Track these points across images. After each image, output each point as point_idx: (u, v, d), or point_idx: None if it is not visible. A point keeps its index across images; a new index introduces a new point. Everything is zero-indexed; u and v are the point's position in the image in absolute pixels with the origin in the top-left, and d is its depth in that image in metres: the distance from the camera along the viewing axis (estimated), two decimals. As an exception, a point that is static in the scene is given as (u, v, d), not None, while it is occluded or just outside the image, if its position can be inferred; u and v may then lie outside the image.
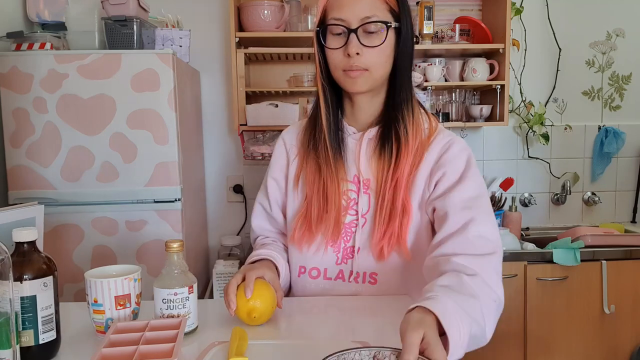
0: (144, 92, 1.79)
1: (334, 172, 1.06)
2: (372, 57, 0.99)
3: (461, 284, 0.84)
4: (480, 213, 0.96)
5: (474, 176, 1.01)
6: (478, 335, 0.81)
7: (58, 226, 1.82)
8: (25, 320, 0.81)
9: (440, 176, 1.02)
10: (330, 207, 1.05)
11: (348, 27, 0.97)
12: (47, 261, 0.85)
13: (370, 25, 0.97)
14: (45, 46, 1.83)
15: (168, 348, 0.78)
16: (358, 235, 1.07)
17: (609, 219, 2.65)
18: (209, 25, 2.43)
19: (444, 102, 2.45)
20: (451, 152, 1.04)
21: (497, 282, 0.92)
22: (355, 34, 0.97)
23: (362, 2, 0.97)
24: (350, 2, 0.97)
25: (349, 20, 0.97)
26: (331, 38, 1.00)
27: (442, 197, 1.00)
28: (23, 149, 1.80)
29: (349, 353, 0.72)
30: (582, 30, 2.55)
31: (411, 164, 1.03)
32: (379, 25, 0.97)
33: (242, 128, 2.21)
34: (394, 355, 0.72)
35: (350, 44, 0.97)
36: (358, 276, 1.08)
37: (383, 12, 0.98)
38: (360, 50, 0.97)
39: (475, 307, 0.81)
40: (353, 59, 0.98)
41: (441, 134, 1.08)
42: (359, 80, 1.00)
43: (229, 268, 2.06)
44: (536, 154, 2.59)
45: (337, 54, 1.00)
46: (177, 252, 0.94)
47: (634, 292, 2.13)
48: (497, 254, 0.95)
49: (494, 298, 0.89)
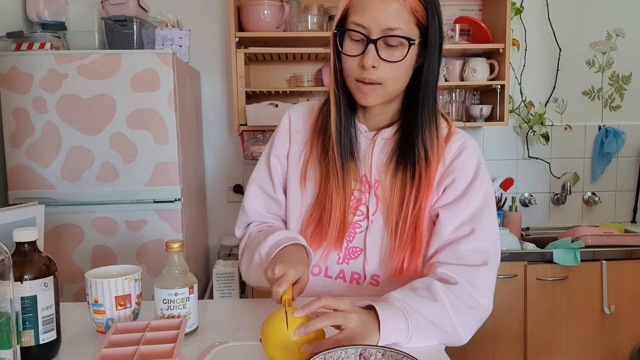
0: (143, 92, 1.79)
1: (344, 173, 1.02)
2: (388, 72, 0.92)
3: (427, 286, 0.91)
4: (479, 227, 0.96)
5: (481, 185, 0.99)
6: (440, 333, 0.88)
7: (58, 226, 1.82)
8: (26, 321, 0.81)
9: (449, 182, 1.00)
10: (337, 209, 1.02)
11: (368, 36, 0.90)
12: (48, 261, 0.85)
13: (392, 39, 0.89)
14: (45, 46, 1.83)
15: (168, 348, 0.78)
16: (366, 238, 1.04)
17: (609, 219, 2.65)
18: (209, 25, 2.43)
19: (444, 102, 2.45)
20: (462, 157, 1.01)
21: (483, 291, 0.94)
22: (374, 45, 0.90)
23: (388, 9, 0.88)
24: (375, 8, 0.88)
25: (370, 28, 0.89)
26: (349, 43, 0.93)
27: (447, 207, 0.99)
28: (23, 149, 1.80)
29: (336, 351, 0.72)
30: (582, 30, 2.55)
31: (432, 185, 0.99)
32: (401, 40, 0.90)
33: (242, 128, 2.21)
34: (380, 353, 0.73)
35: (367, 54, 0.90)
36: (360, 277, 1.07)
37: (409, 25, 0.90)
38: (377, 64, 0.91)
39: (434, 308, 0.88)
40: (368, 71, 0.91)
41: (454, 136, 1.03)
42: (371, 96, 0.95)
43: (229, 268, 2.06)
44: (536, 154, 2.59)
45: (353, 61, 0.93)
46: (178, 253, 0.94)
47: (634, 292, 2.13)
48: (489, 265, 0.95)
49: (471, 305, 0.92)
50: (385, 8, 0.88)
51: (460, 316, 0.90)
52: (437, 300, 0.89)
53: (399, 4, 0.89)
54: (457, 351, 2.13)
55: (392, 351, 0.73)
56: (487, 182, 1.01)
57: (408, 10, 0.89)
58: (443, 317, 0.88)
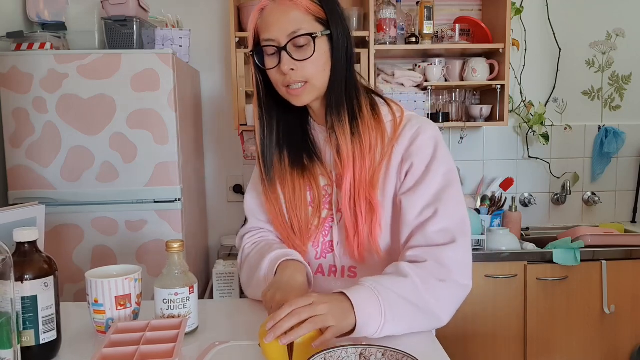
0: (144, 92, 1.79)
1: (307, 173, 1.09)
2: (308, 69, 0.99)
3: (396, 267, 0.95)
4: (442, 206, 0.99)
5: (440, 165, 1.02)
6: (414, 311, 0.91)
7: (58, 226, 1.82)
8: (26, 320, 0.81)
9: (408, 167, 1.03)
10: (304, 209, 1.09)
11: (278, 45, 0.98)
12: (48, 261, 0.85)
13: (298, 40, 0.97)
14: (45, 46, 1.83)
15: (169, 348, 0.78)
16: (335, 230, 1.08)
17: (609, 219, 2.65)
18: (209, 26, 2.43)
19: (444, 102, 2.45)
20: (419, 141, 1.03)
21: (455, 269, 0.96)
22: (285, 51, 0.97)
23: (287, 18, 0.97)
24: (276, 21, 0.98)
25: (278, 39, 0.98)
26: (267, 58, 1.01)
27: (408, 193, 1.02)
28: (23, 149, 1.80)
29: (336, 351, 0.73)
30: (582, 30, 2.55)
31: (374, 160, 1.04)
32: (306, 38, 0.97)
33: (242, 128, 2.21)
34: (380, 353, 0.73)
35: (282, 61, 0.98)
36: (337, 270, 1.10)
37: (310, 24, 0.98)
38: (294, 66, 0.98)
39: (403, 284, 0.91)
40: (289, 75, 0.99)
41: (410, 122, 1.06)
42: (302, 96, 1.01)
43: (229, 268, 2.06)
44: (536, 154, 2.59)
45: (275, 72, 1.01)
46: (178, 252, 0.94)
47: (633, 292, 2.13)
48: (457, 242, 0.97)
49: (442, 278, 0.94)
50: (283, 17, 0.97)
51: (432, 290, 0.92)
52: (406, 277, 0.92)
53: (294, 9, 0.97)
54: (458, 351, 2.13)
55: (392, 351, 0.73)
56: (446, 161, 1.03)
57: (304, 11, 0.98)
58: (414, 291, 0.91)
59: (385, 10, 2.23)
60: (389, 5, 2.24)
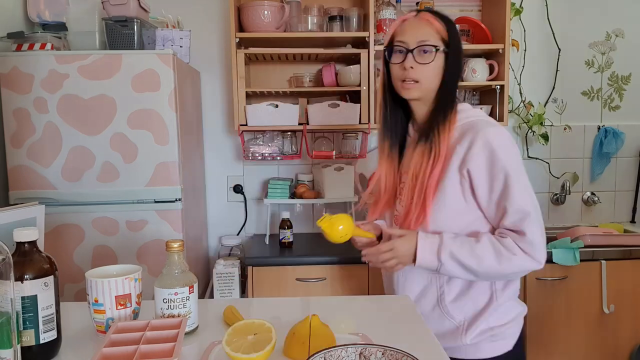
0: (144, 93, 1.80)
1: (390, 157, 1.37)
2: (423, 72, 1.24)
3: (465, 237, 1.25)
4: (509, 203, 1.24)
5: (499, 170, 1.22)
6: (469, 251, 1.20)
7: (58, 226, 1.82)
8: (26, 320, 0.82)
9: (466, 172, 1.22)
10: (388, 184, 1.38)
11: (407, 47, 1.24)
12: (48, 261, 0.85)
13: (424, 47, 1.23)
14: (45, 46, 1.83)
15: (169, 348, 0.78)
16: (398, 208, 1.37)
17: (608, 219, 2.65)
18: (209, 26, 2.44)
19: (443, 102, 2.45)
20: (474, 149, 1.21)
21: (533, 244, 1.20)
22: (412, 53, 1.23)
23: (421, 30, 1.24)
24: (411, 30, 1.25)
25: (408, 42, 1.24)
26: (394, 55, 1.27)
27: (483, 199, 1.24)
28: (24, 149, 1.80)
29: (335, 350, 0.73)
30: (581, 30, 2.56)
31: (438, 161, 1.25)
32: (430, 48, 1.22)
33: (242, 128, 2.21)
34: (380, 352, 0.73)
35: (407, 59, 1.24)
36: None
37: (435, 39, 1.23)
38: (414, 65, 1.23)
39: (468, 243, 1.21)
40: (408, 72, 1.23)
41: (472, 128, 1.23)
42: (412, 90, 1.26)
43: (229, 268, 2.06)
44: (536, 154, 2.59)
45: (398, 67, 1.26)
46: (178, 252, 0.95)
47: (633, 292, 2.13)
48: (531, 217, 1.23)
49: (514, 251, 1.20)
50: (418, 29, 1.25)
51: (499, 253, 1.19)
52: (479, 239, 1.21)
53: (428, 26, 1.24)
54: (457, 351, 2.12)
55: (392, 350, 0.73)
56: (505, 160, 1.21)
57: (434, 30, 1.24)
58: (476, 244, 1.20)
59: (385, 10, 2.24)
60: (388, 6, 2.24)
